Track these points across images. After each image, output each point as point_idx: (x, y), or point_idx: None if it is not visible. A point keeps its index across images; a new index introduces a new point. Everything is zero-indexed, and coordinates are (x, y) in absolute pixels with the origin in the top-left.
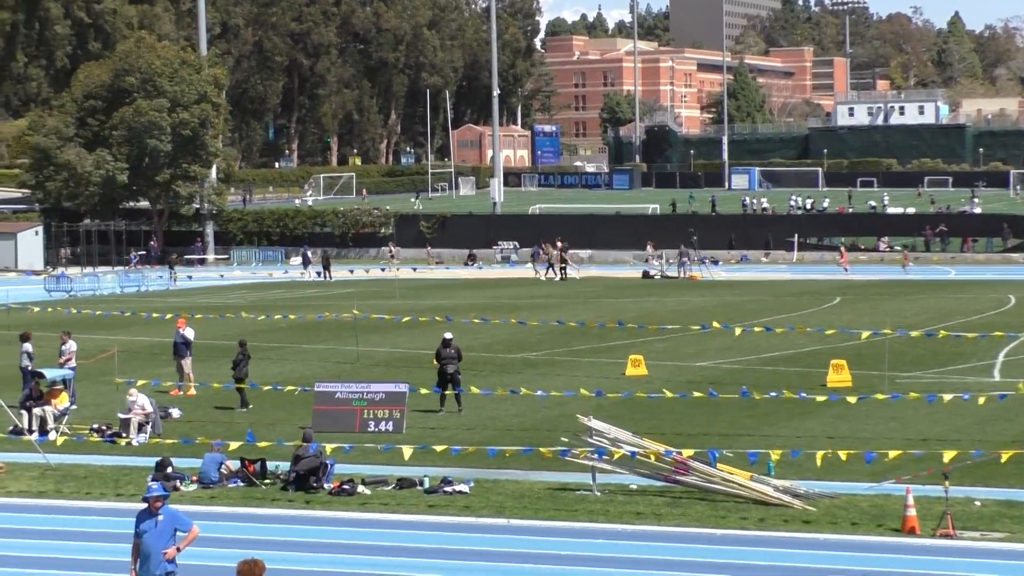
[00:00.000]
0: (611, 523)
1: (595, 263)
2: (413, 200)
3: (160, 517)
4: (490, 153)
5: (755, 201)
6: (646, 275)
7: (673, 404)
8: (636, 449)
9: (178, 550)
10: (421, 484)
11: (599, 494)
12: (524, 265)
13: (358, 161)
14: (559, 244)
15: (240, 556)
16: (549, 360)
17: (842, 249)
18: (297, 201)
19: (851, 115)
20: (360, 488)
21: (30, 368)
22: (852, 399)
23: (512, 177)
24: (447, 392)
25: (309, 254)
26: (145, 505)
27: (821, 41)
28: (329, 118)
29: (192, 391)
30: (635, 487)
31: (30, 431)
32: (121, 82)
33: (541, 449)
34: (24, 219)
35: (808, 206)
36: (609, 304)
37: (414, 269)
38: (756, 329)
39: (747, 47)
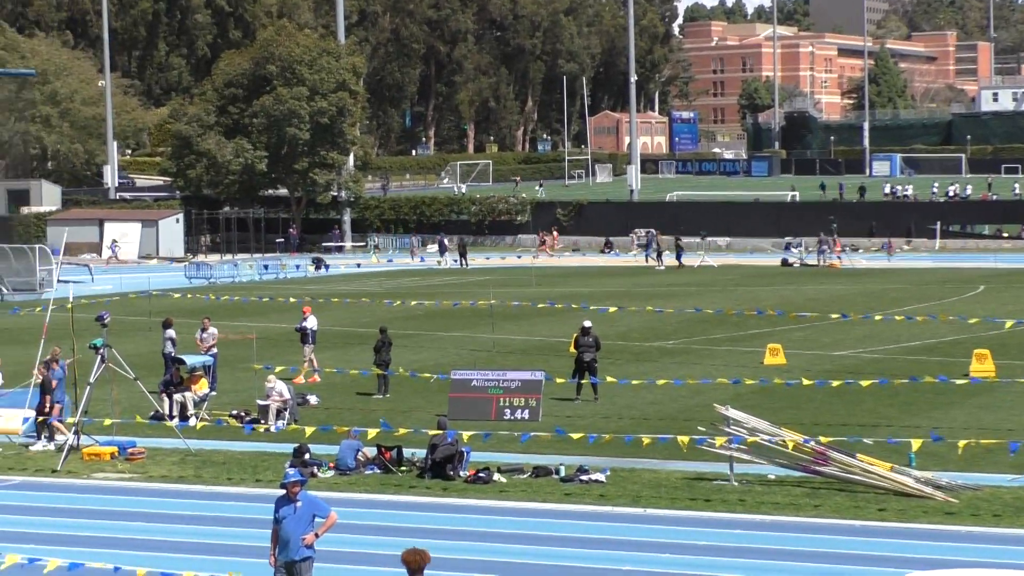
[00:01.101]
0: (748, 513)
1: (733, 251)
2: (537, 188)
3: (299, 503)
4: (627, 140)
5: (897, 188)
6: (785, 263)
7: (812, 393)
8: (774, 438)
9: (316, 536)
10: (557, 472)
11: (736, 484)
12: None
13: (495, 148)
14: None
15: (376, 543)
16: (686, 348)
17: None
18: (455, 188)
19: (995, 100)
20: (496, 476)
21: (172, 354)
22: (995, 389)
23: (649, 164)
24: (583, 381)
25: (445, 241)
26: (284, 491)
27: (964, 25)
28: (466, 105)
29: (315, 377)
30: (773, 477)
31: (171, 417)
32: (261, 70)
33: (678, 438)
34: (165, 207)
35: (951, 193)
36: (747, 292)
37: (532, 255)
38: (897, 318)
39: (888, 32)
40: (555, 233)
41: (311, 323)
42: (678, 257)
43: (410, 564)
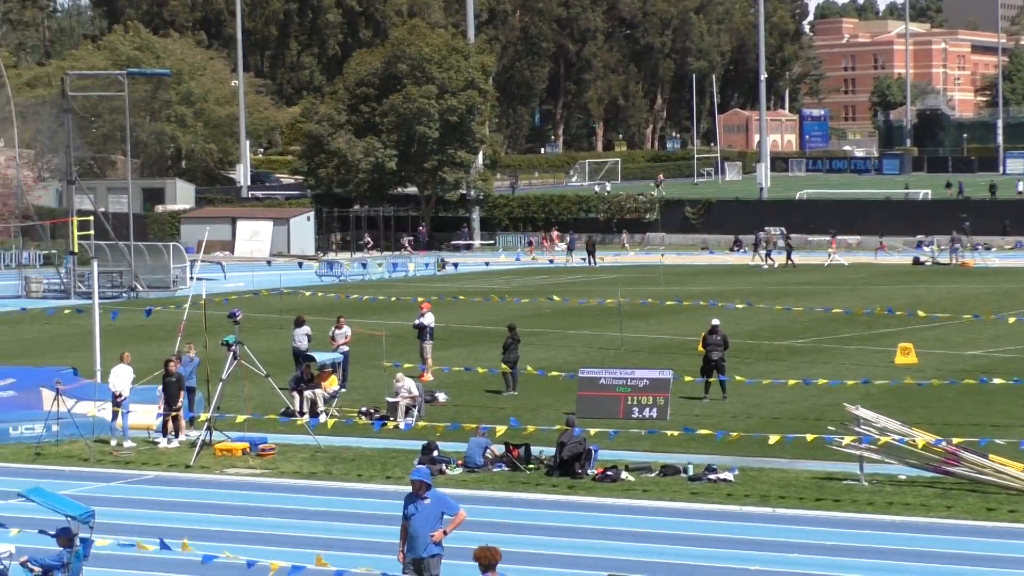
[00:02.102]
0: (878, 514)
1: (864, 249)
2: (653, 185)
3: (427, 500)
4: (757, 138)
5: None
6: (916, 261)
7: (943, 392)
8: (904, 438)
9: (445, 533)
10: (685, 471)
11: (867, 484)
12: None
13: (623, 146)
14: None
15: (504, 540)
16: (815, 347)
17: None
18: (596, 187)
19: None
20: (624, 474)
21: (306, 351)
22: None
23: (779, 162)
24: (711, 379)
25: (574, 240)
26: (412, 488)
27: None
28: (595, 103)
29: (425, 375)
30: (903, 477)
31: (301, 413)
32: (392, 69)
33: (807, 437)
34: (296, 205)
35: None
36: (878, 291)
37: (634, 252)
38: None
39: (1023, 28)
40: (556, 234)
41: (428, 320)
42: (788, 256)
43: (481, 561)
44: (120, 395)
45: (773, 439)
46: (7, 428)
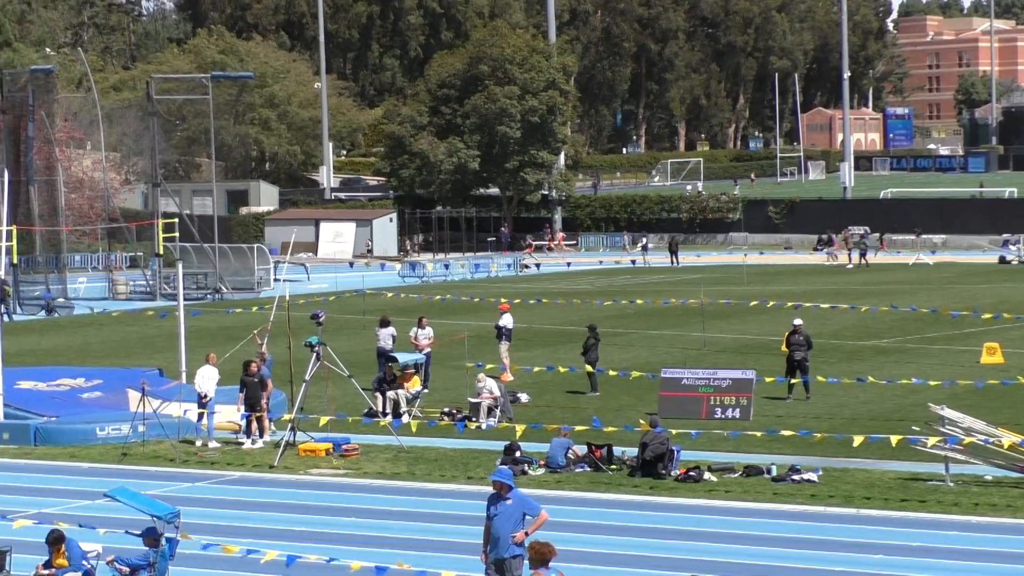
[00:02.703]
0: (964, 515)
1: (949, 248)
2: (734, 184)
3: (509, 501)
4: (840, 137)
5: None
6: (1003, 260)
7: None
8: (990, 439)
9: (527, 534)
10: (768, 472)
11: (952, 485)
12: (873, 252)
13: (706, 146)
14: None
15: (586, 541)
16: (900, 347)
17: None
18: (688, 188)
19: None
20: (706, 475)
21: (390, 351)
22: None
23: (863, 161)
24: (794, 380)
25: (646, 241)
26: (495, 489)
27: None
28: (676, 103)
29: (505, 376)
30: (990, 478)
31: (384, 414)
32: (473, 70)
33: (891, 437)
34: (379, 206)
35: None
36: (964, 290)
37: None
38: None
39: None
40: (560, 235)
41: (506, 321)
42: (862, 255)
43: (535, 556)
44: (206, 396)
45: (857, 440)
46: (94, 429)
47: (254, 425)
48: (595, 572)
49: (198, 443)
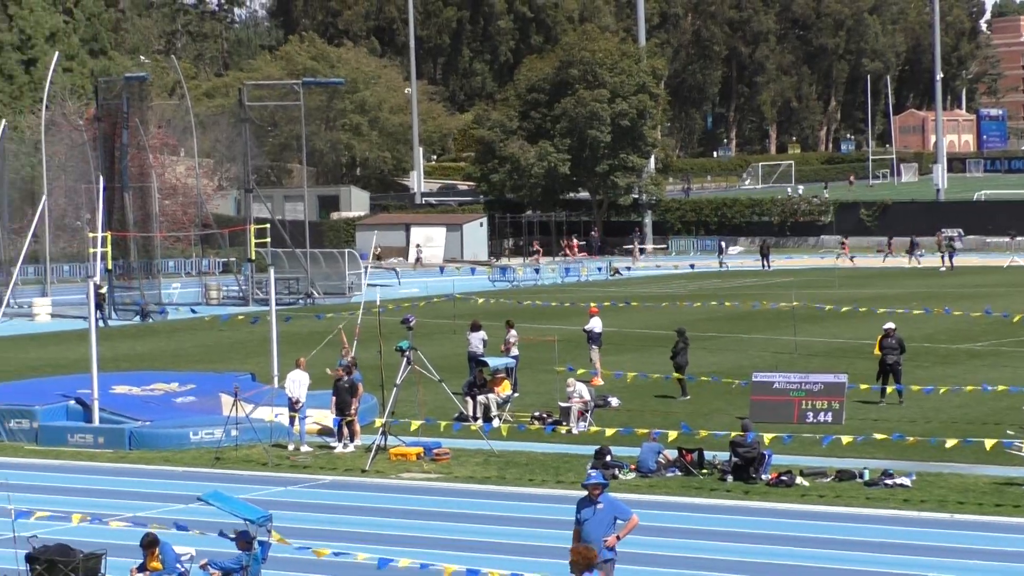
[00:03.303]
0: None
1: None
2: (824, 187)
3: (599, 505)
4: (933, 139)
5: None
6: None
7: None
8: None
9: (618, 538)
10: (861, 476)
11: None
12: (964, 254)
13: (797, 149)
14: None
15: (678, 546)
16: (995, 351)
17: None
18: (788, 190)
19: None
20: (798, 479)
21: (481, 355)
22: None
23: (956, 163)
24: (887, 384)
25: (723, 244)
26: (585, 493)
27: None
28: (768, 106)
29: (596, 379)
30: None
31: (474, 418)
32: (564, 74)
33: (986, 442)
34: (469, 211)
35: None
36: None
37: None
38: None
39: None
40: (574, 241)
41: (594, 325)
42: (949, 258)
43: (579, 560)
44: (297, 401)
45: (950, 443)
46: (187, 433)
47: (346, 430)
48: None
49: (290, 447)
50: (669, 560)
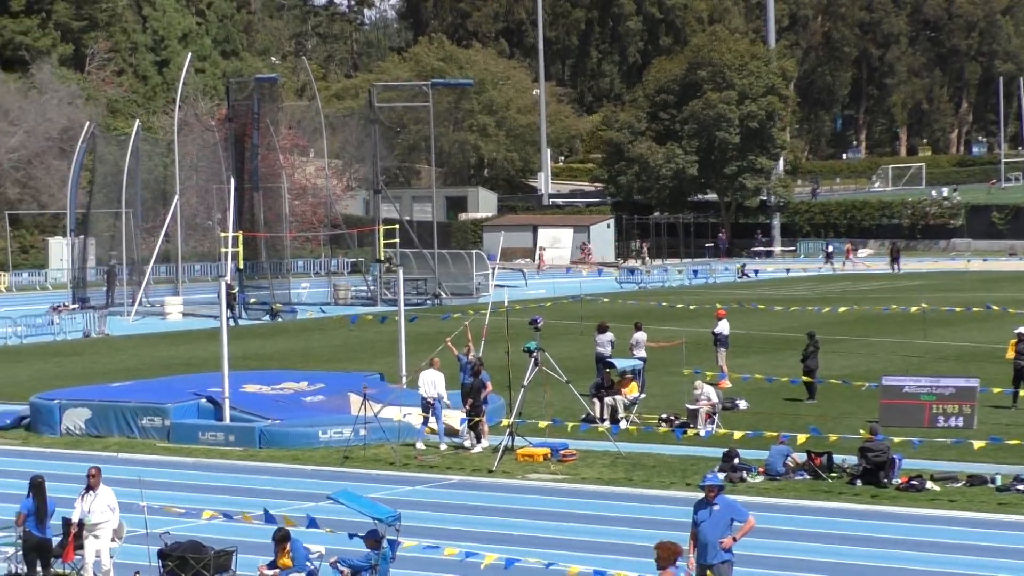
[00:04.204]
0: None
1: None
2: (954, 190)
3: (716, 507)
4: None
5: None
6: None
7: None
8: None
9: (734, 540)
10: (992, 481)
11: None
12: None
13: (928, 151)
14: None
15: (806, 549)
16: None
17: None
18: (933, 192)
19: None
20: (928, 484)
21: (608, 357)
22: None
23: None
24: (1020, 389)
25: (831, 248)
26: (703, 494)
27: None
28: (898, 108)
29: (724, 382)
30: None
31: (601, 419)
32: (692, 76)
33: None
34: (596, 212)
35: None
36: None
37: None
38: None
39: None
40: (589, 248)
41: (723, 327)
42: None
43: (665, 555)
44: (433, 400)
45: None
46: (317, 432)
47: (477, 428)
48: None
49: (418, 445)
50: (797, 564)
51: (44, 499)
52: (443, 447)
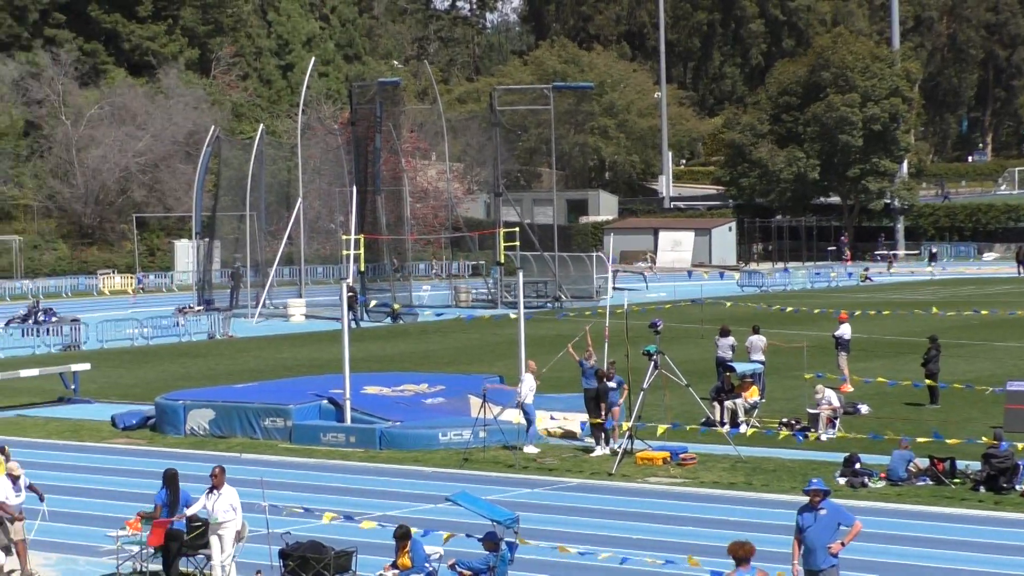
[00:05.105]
0: None
1: None
2: None
3: (822, 511)
4: None
5: None
6: None
7: None
8: None
9: (843, 545)
10: None
11: None
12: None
13: None
14: None
15: (926, 555)
16: None
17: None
18: None
19: None
20: None
21: (729, 361)
22: None
23: None
24: None
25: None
26: (807, 499)
27: None
28: None
29: (845, 386)
30: None
31: (721, 423)
32: (815, 78)
33: None
34: (718, 215)
35: None
36: None
37: None
38: None
39: None
40: (653, 256)
41: (844, 331)
42: None
43: (741, 555)
44: (522, 402)
45: None
46: (436, 434)
47: (602, 433)
48: None
49: (527, 450)
50: (918, 570)
51: (177, 491)
52: (528, 450)
